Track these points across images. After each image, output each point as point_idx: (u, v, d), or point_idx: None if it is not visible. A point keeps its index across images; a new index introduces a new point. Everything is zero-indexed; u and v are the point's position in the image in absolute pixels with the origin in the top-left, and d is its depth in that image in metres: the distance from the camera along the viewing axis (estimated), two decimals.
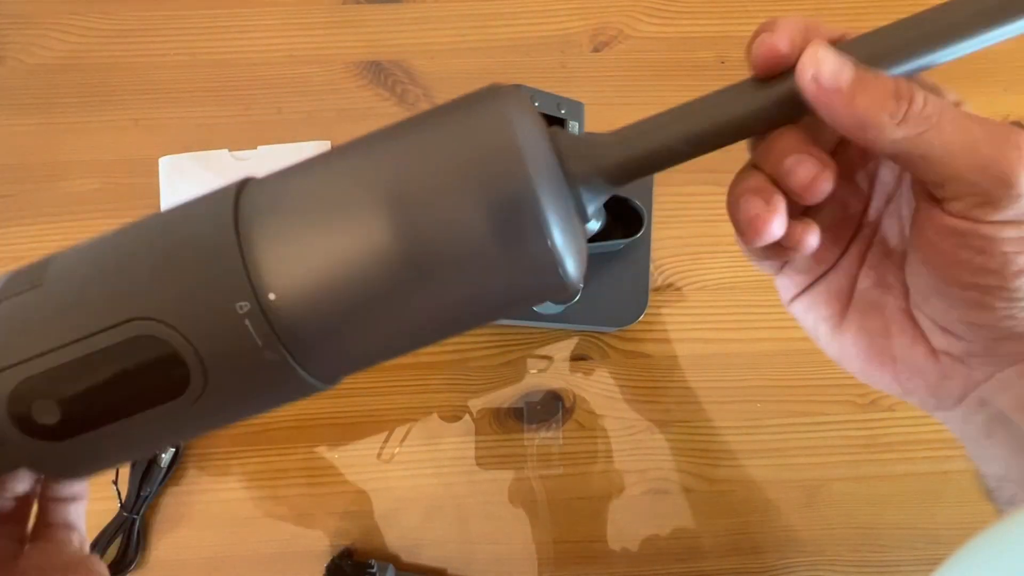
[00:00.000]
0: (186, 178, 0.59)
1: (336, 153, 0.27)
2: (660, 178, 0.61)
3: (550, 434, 0.58)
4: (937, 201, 0.25)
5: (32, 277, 0.27)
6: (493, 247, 0.24)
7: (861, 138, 0.24)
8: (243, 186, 0.27)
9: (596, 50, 0.65)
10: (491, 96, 0.25)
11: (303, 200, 0.25)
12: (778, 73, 0.25)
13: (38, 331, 0.26)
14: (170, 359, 0.25)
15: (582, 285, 0.52)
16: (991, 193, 0.23)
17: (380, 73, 0.63)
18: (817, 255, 0.30)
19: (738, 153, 0.71)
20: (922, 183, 0.25)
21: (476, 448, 0.57)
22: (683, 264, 0.61)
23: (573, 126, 0.54)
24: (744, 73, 0.25)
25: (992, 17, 0.23)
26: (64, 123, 0.61)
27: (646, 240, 0.59)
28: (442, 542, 0.57)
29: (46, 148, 0.60)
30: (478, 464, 0.57)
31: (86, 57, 0.62)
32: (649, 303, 0.58)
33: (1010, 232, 0.24)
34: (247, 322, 0.24)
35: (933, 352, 0.28)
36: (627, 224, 0.59)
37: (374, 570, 0.53)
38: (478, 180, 0.24)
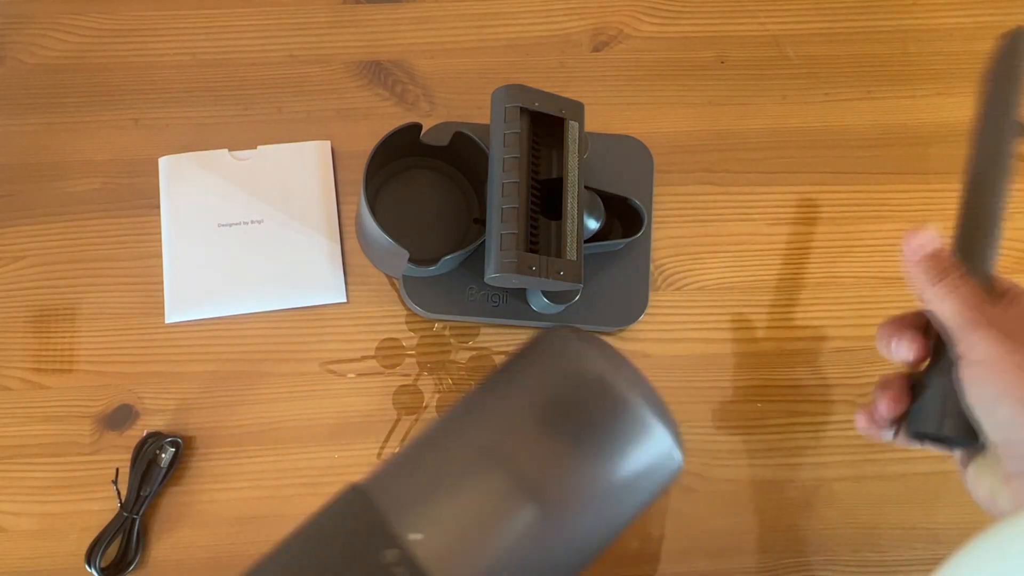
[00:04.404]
0: (186, 178, 0.59)
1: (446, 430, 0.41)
2: (660, 178, 0.61)
3: None
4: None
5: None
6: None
7: (917, 291, 0.37)
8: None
9: (596, 50, 0.65)
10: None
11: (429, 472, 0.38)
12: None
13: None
14: None
15: (582, 285, 0.52)
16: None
17: (380, 73, 0.63)
18: None
19: (737, 153, 0.70)
20: None
21: None
22: (683, 264, 0.61)
23: (573, 126, 0.54)
24: (743, 72, 0.27)
25: None
26: (64, 123, 0.61)
27: (646, 240, 0.59)
28: None
29: (46, 148, 0.60)
30: None
31: (86, 57, 0.62)
32: (649, 303, 0.58)
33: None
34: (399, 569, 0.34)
35: None
36: (627, 224, 0.59)
37: None
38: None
